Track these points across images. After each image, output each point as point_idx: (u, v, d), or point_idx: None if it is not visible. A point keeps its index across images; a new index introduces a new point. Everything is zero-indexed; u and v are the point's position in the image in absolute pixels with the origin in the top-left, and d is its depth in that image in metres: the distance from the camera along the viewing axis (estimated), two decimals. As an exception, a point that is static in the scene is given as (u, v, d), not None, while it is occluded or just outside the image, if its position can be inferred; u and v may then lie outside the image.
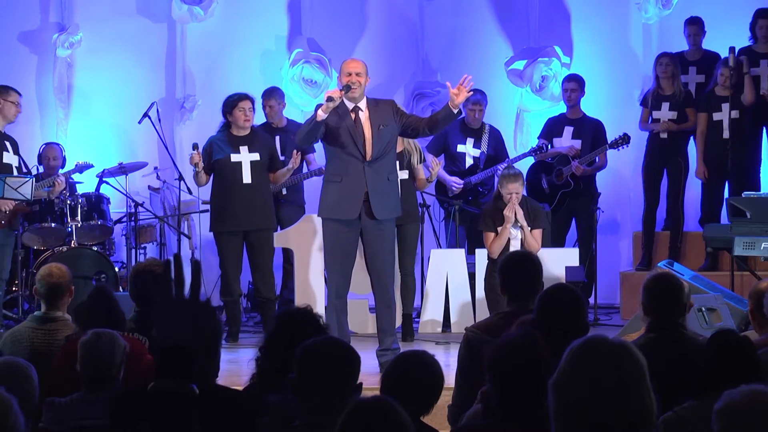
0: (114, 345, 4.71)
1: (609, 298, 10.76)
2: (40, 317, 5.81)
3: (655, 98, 10.23)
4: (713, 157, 10.00)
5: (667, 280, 4.97)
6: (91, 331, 4.79)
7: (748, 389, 2.72)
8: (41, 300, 5.88)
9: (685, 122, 10.18)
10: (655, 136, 10.20)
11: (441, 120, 7.50)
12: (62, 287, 5.84)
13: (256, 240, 8.96)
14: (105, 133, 11.45)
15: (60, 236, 9.83)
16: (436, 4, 11.63)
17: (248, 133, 8.97)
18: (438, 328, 9.40)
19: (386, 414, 2.84)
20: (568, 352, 2.66)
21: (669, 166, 10.24)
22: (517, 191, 8.79)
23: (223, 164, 8.89)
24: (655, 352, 4.09)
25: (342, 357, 3.46)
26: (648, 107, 10.29)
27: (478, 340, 5.00)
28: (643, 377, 2.61)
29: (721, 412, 2.71)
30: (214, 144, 8.99)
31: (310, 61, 11.38)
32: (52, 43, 11.33)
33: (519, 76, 11.34)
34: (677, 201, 10.26)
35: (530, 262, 5.28)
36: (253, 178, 8.87)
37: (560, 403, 2.61)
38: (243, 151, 8.88)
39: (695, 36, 10.53)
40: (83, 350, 4.70)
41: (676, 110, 10.17)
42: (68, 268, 5.99)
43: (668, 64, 10.16)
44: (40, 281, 5.87)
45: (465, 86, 7.33)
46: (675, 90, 10.18)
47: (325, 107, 7.34)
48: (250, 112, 8.92)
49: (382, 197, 7.49)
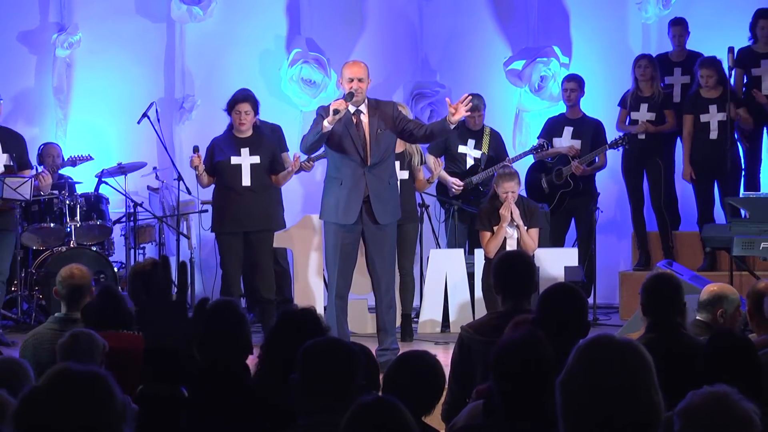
0: (92, 345, 4.68)
1: (608, 298, 10.76)
2: (62, 319, 5.78)
3: (634, 99, 10.26)
4: (701, 158, 10.02)
5: (666, 281, 4.99)
6: (68, 333, 4.77)
7: (711, 390, 2.72)
8: (62, 301, 5.85)
9: (663, 124, 10.22)
10: (633, 137, 10.22)
11: (436, 133, 7.59)
12: (83, 288, 5.82)
13: (256, 240, 8.95)
14: (104, 133, 11.44)
15: (59, 236, 9.83)
16: (435, 4, 11.63)
17: (250, 134, 8.94)
18: (437, 328, 9.40)
19: (391, 414, 2.84)
20: (575, 351, 2.67)
21: (648, 167, 10.28)
22: (513, 190, 8.80)
23: (223, 167, 8.88)
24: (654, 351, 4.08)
25: (343, 356, 3.47)
26: (626, 108, 10.32)
27: (470, 340, 5.03)
28: (650, 375, 2.62)
29: (682, 413, 2.71)
30: (215, 146, 8.97)
31: (309, 61, 11.37)
32: (52, 43, 11.33)
33: (518, 76, 11.34)
34: (659, 201, 10.29)
35: (523, 262, 5.29)
36: (252, 181, 8.86)
37: (568, 402, 2.62)
38: (244, 154, 8.86)
39: (679, 37, 10.56)
40: (61, 351, 4.67)
41: (655, 111, 10.20)
42: (88, 269, 5.99)
43: (647, 66, 10.19)
44: (61, 282, 5.84)
45: (464, 104, 7.35)
46: (654, 91, 10.21)
47: (331, 119, 7.38)
48: (246, 116, 8.86)
49: (383, 201, 7.53)
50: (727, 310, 5.44)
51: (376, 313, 7.69)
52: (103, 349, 4.70)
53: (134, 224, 10.21)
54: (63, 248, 9.69)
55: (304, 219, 9.61)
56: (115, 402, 2.49)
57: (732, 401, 2.68)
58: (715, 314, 5.42)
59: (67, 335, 4.74)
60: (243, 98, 8.89)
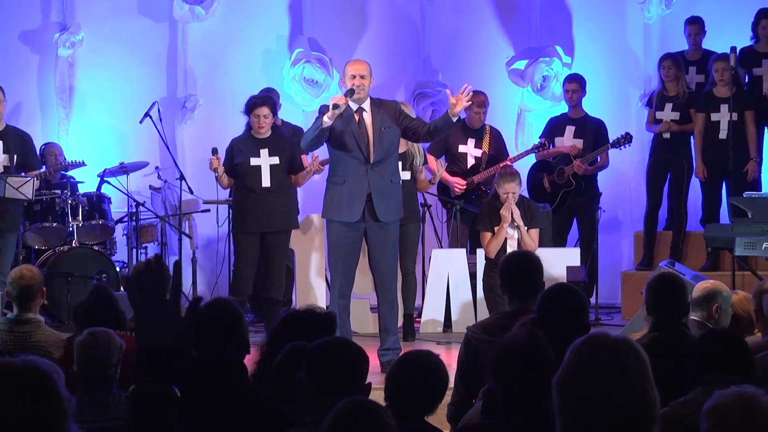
0: (110, 344, 4.69)
1: (610, 298, 10.76)
2: (13, 320, 5.84)
3: (660, 99, 10.25)
4: (711, 157, 10.01)
5: (670, 280, 5.00)
6: (86, 331, 4.77)
7: (737, 390, 2.73)
8: (13, 302, 5.90)
9: (689, 123, 10.19)
10: (659, 136, 10.22)
11: (440, 127, 7.58)
12: (33, 289, 5.85)
13: (273, 241, 8.90)
14: (106, 133, 11.44)
15: (61, 236, 9.82)
16: (437, 4, 11.63)
17: (269, 135, 8.93)
18: (439, 327, 9.40)
19: (372, 417, 2.84)
20: (571, 349, 2.68)
21: (672, 166, 10.25)
22: (514, 191, 8.80)
23: (243, 168, 8.86)
24: (658, 351, 4.10)
25: (350, 356, 3.47)
26: (653, 108, 10.30)
27: (477, 340, 5.02)
28: (646, 372, 2.63)
29: (709, 413, 2.72)
30: (235, 147, 8.95)
31: (311, 60, 11.38)
32: (54, 42, 11.33)
33: (520, 76, 11.34)
34: (680, 201, 10.27)
35: (530, 262, 5.28)
36: (272, 182, 8.84)
37: (564, 400, 2.63)
38: (263, 155, 8.84)
39: (695, 36, 10.54)
40: (80, 350, 4.68)
41: (679, 111, 10.18)
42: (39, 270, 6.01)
43: (671, 67, 10.18)
44: (12, 284, 5.90)
45: (464, 95, 7.34)
46: (679, 91, 10.20)
47: (330, 114, 7.36)
48: (265, 120, 8.86)
49: (385, 200, 7.53)
50: (721, 306, 5.46)
51: (378, 312, 7.69)
52: (120, 348, 4.71)
53: (136, 224, 10.22)
54: (65, 248, 9.69)
55: (305, 219, 9.61)
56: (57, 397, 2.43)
57: (760, 401, 2.70)
58: (711, 310, 5.44)
59: (85, 333, 4.75)
60: (261, 102, 8.90)
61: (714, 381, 3.87)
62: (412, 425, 3.65)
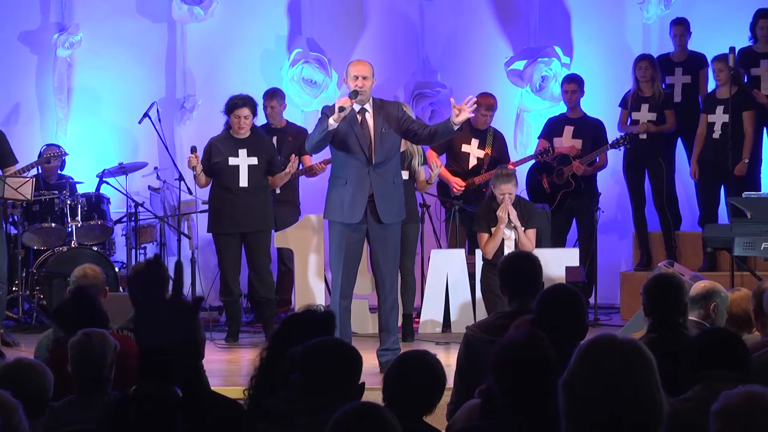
0: (105, 344, 4.67)
1: (609, 299, 10.77)
2: None
3: (635, 100, 10.28)
4: (706, 158, 10.03)
5: (668, 281, 5.01)
6: (81, 332, 4.76)
7: (745, 390, 2.73)
8: None
9: (664, 124, 10.23)
10: (635, 137, 10.22)
11: (441, 133, 7.58)
12: (97, 288, 5.82)
13: (254, 241, 8.99)
14: (105, 134, 11.44)
15: (60, 236, 9.83)
16: (436, 4, 11.63)
17: (248, 136, 8.97)
18: (438, 328, 9.40)
19: (375, 419, 2.83)
20: (578, 351, 2.68)
21: (650, 167, 10.30)
22: (510, 192, 8.81)
23: (221, 167, 8.92)
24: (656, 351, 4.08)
25: (344, 357, 3.46)
26: (627, 109, 10.33)
27: (477, 340, 5.02)
28: (652, 374, 2.63)
29: (718, 414, 2.72)
30: (213, 147, 9.01)
31: (310, 61, 11.37)
32: (52, 43, 11.32)
33: (519, 76, 11.35)
34: (662, 201, 10.30)
35: (530, 262, 5.28)
36: (250, 182, 8.90)
37: (571, 402, 2.63)
38: (242, 155, 8.90)
39: (681, 36, 10.57)
40: (74, 351, 4.65)
41: (656, 112, 10.22)
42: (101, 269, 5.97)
43: (647, 68, 10.21)
44: (75, 283, 5.85)
45: (468, 105, 7.35)
46: (654, 92, 10.22)
47: (336, 116, 7.37)
48: (246, 120, 8.92)
49: (387, 201, 7.53)
50: (718, 305, 5.48)
51: (379, 312, 7.69)
52: (114, 349, 4.69)
53: (135, 224, 10.22)
54: (64, 248, 9.69)
55: (303, 219, 9.61)
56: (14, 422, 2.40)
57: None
58: (709, 309, 5.46)
59: (79, 334, 4.72)
60: (243, 103, 8.93)
61: (711, 377, 3.88)
62: (410, 425, 3.65)
